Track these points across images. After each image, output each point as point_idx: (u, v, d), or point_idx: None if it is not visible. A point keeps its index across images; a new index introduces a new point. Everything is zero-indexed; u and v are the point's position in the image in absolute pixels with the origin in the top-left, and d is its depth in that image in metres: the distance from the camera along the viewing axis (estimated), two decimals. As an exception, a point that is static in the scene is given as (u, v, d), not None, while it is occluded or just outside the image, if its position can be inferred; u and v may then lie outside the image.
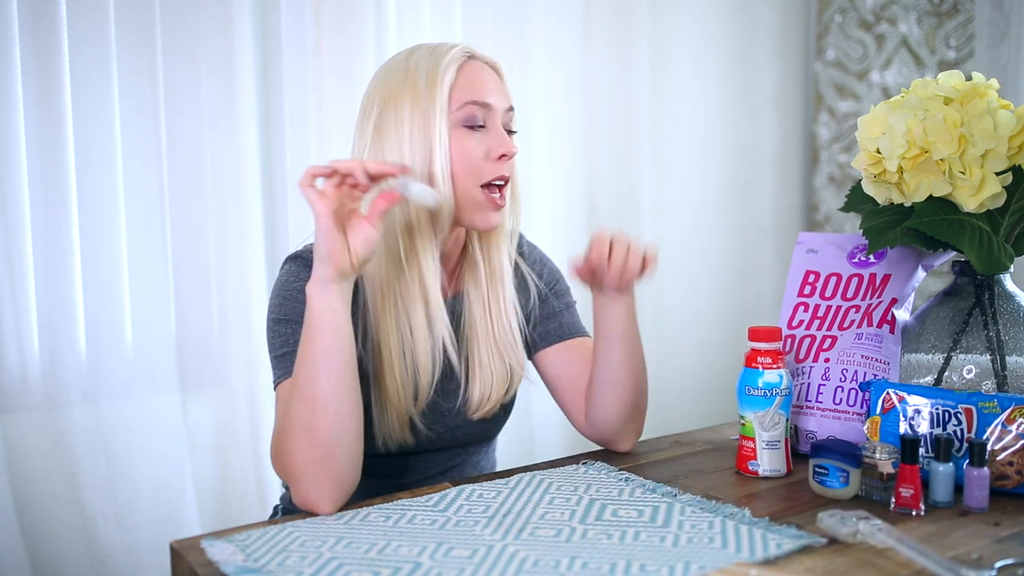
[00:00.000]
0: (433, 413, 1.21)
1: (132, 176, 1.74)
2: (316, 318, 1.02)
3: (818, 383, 1.21)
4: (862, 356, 1.19)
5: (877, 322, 1.21)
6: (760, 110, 2.73)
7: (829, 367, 1.21)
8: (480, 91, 1.16)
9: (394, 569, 0.85)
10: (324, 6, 1.89)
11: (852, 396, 1.19)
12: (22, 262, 1.63)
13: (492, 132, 1.16)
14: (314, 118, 1.89)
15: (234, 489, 1.88)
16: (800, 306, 1.29)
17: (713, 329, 2.66)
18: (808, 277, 1.31)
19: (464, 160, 1.14)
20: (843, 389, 1.20)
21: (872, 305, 1.23)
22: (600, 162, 2.41)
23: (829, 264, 1.30)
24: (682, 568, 0.84)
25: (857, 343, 1.21)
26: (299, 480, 1.03)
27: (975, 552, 0.89)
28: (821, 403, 1.21)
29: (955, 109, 1.07)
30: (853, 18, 2.66)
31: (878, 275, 1.25)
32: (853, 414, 1.18)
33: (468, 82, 1.16)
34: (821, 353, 1.23)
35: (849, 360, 1.20)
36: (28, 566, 1.63)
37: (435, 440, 1.23)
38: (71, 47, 1.64)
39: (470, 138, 1.15)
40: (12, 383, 1.64)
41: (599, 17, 2.37)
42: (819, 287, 1.29)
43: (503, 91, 1.20)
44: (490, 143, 1.15)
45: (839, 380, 1.20)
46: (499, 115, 1.17)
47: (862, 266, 1.27)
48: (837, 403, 1.20)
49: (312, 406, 1.02)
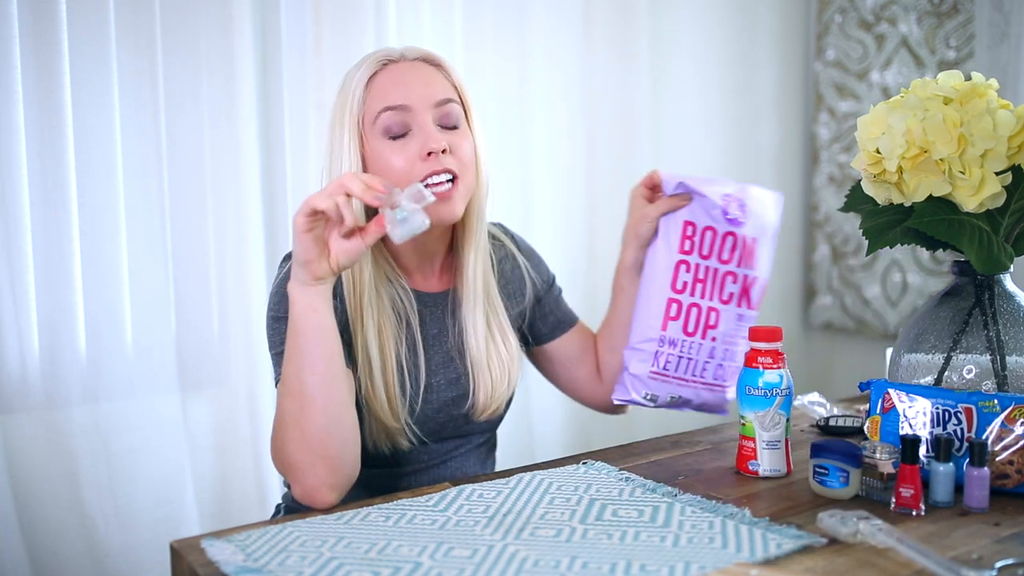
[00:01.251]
0: (434, 410, 1.22)
1: (132, 176, 1.74)
2: (298, 316, 1.04)
3: (704, 360, 1.27)
4: (742, 338, 1.26)
5: (756, 305, 1.28)
6: (760, 110, 2.73)
7: (715, 347, 1.27)
8: (392, 95, 1.16)
9: (394, 569, 0.85)
10: (324, 6, 1.89)
11: (727, 372, 1.29)
12: (22, 262, 1.63)
13: (416, 134, 1.16)
14: (314, 118, 1.89)
15: (234, 489, 1.88)
16: (682, 265, 1.27)
17: (713, 329, 2.66)
18: (687, 230, 1.27)
19: (390, 173, 1.15)
20: (723, 368, 1.29)
21: (749, 279, 1.28)
22: (600, 162, 2.40)
23: (704, 215, 1.27)
24: (682, 568, 0.84)
25: (739, 325, 1.27)
26: (296, 471, 1.04)
27: (975, 552, 0.89)
28: (704, 378, 1.28)
29: (955, 109, 1.06)
30: (853, 18, 2.66)
31: (748, 236, 1.27)
32: (725, 387, 1.29)
33: (381, 90, 1.17)
34: (709, 331, 1.27)
35: (731, 342, 1.28)
36: (28, 566, 1.63)
37: (437, 432, 1.24)
38: (71, 47, 1.64)
39: (391, 149, 1.15)
40: (12, 383, 1.64)
41: (599, 17, 2.37)
42: (697, 243, 1.27)
43: (429, 85, 1.18)
44: (416, 145, 1.15)
45: (721, 359, 1.28)
46: (423, 113, 1.16)
47: (735, 224, 1.27)
48: (715, 379, 1.29)
49: (300, 400, 1.03)
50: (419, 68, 1.19)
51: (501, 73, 2.20)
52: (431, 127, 1.16)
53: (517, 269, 1.35)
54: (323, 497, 1.03)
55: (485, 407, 1.24)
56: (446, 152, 1.15)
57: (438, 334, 1.25)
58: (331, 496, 1.04)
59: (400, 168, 1.14)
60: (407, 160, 1.14)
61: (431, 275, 1.27)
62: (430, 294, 1.26)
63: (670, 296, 1.26)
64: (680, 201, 1.27)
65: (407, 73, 1.18)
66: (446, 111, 1.18)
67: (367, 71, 1.19)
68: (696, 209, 1.27)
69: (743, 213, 1.26)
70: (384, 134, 1.16)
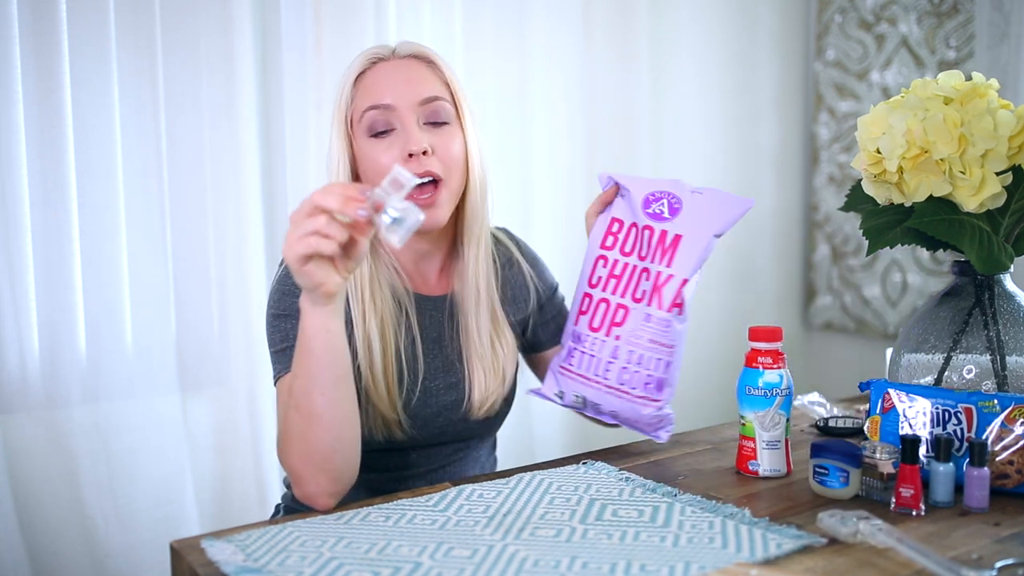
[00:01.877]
0: (432, 413, 1.22)
1: (132, 176, 1.74)
2: (310, 336, 1.01)
3: (607, 360, 1.20)
4: (649, 340, 1.18)
5: (668, 305, 1.17)
6: (760, 110, 2.73)
7: (619, 346, 1.19)
8: (377, 94, 1.16)
9: (394, 569, 0.85)
10: (324, 6, 1.89)
11: (635, 379, 1.18)
12: (22, 262, 1.63)
13: (400, 133, 1.15)
14: (314, 118, 1.89)
15: (234, 489, 1.88)
16: (600, 260, 1.24)
17: (713, 329, 2.66)
18: (612, 226, 1.24)
19: (375, 170, 1.15)
20: (627, 371, 1.19)
21: (662, 277, 1.18)
22: (600, 162, 2.40)
23: (630, 211, 1.23)
24: (682, 568, 0.84)
25: (645, 325, 1.18)
26: (298, 477, 1.05)
27: (975, 552, 0.89)
28: (608, 380, 1.20)
29: (955, 109, 1.06)
30: (853, 18, 2.66)
31: (670, 233, 1.19)
32: (635, 396, 1.18)
33: (367, 89, 1.17)
34: (613, 328, 1.20)
35: (636, 343, 1.18)
36: (28, 566, 1.63)
37: (436, 436, 1.23)
38: (71, 47, 1.64)
39: (375, 147, 1.16)
40: (12, 383, 1.64)
41: (599, 17, 2.37)
42: (620, 239, 1.23)
43: (416, 83, 1.17)
44: (399, 145, 1.15)
45: (625, 361, 1.18)
46: (407, 112, 1.15)
47: (655, 218, 1.21)
48: (621, 383, 1.19)
49: (308, 418, 1.02)
50: (408, 66, 1.19)
51: (501, 73, 2.20)
52: (413, 127, 1.15)
53: (521, 275, 1.34)
54: (323, 503, 1.04)
55: (481, 403, 1.24)
56: (427, 154, 1.14)
57: (437, 338, 1.25)
58: (331, 502, 1.04)
59: (387, 167, 1.13)
60: (391, 160, 1.14)
61: (430, 277, 1.27)
62: (430, 297, 1.26)
63: (585, 291, 1.24)
64: (608, 196, 1.25)
65: (394, 71, 1.18)
66: (432, 109, 1.17)
67: (356, 69, 1.19)
68: (624, 206, 1.24)
69: (670, 211, 1.20)
70: (368, 132, 1.16)
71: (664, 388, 1.19)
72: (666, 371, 1.18)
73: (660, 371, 1.18)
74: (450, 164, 1.17)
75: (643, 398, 1.18)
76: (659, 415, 1.20)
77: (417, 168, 1.13)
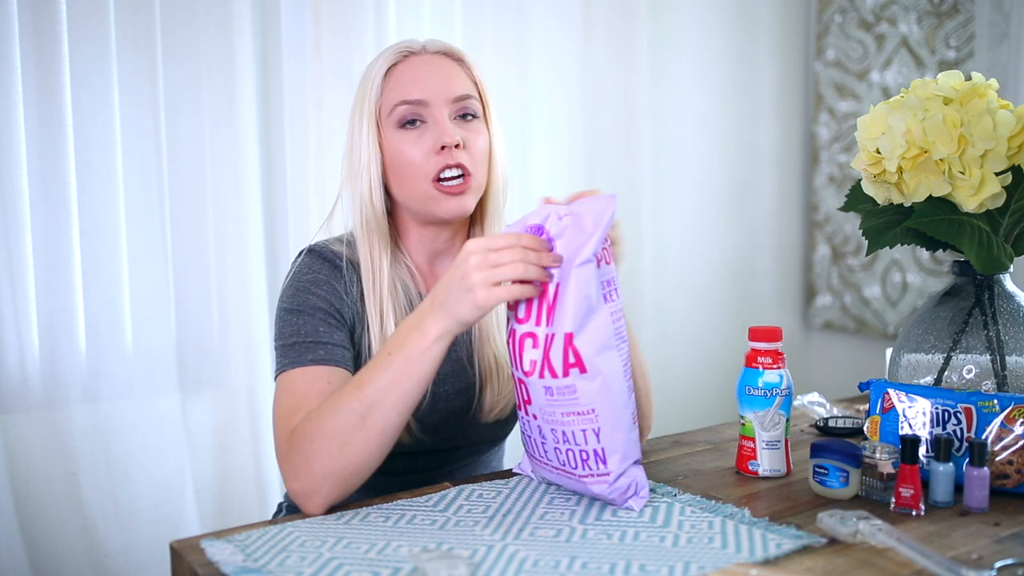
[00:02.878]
0: (441, 419, 1.21)
1: (132, 176, 1.74)
2: (420, 354, 0.98)
3: (539, 440, 1.03)
4: (563, 414, 0.97)
5: (562, 370, 0.95)
6: (760, 110, 2.73)
7: (540, 426, 1.01)
8: (409, 89, 1.17)
9: (394, 569, 0.85)
10: (324, 6, 1.90)
11: (571, 458, 0.99)
12: (22, 262, 1.63)
13: (431, 126, 1.16)
14: (314, 118, 1.90)
15: (234, 489, 1.88)
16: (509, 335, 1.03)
17: (713, 329, 2.66)
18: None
19: (404, 161, 1.16)
20: (559, 451, 1.00)
21: (546, 338, 0.96)
22: (600, 162, 2.41)
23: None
24: (682, 568, 0.84)
25: (550, 399, 0.98)
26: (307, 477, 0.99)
27: (975, 552, 0.89)
28: (551, 461, 1.03)
29: (955, 109, 1.06)
30: (853, 18, 2.66)
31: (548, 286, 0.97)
32: (580, 477, 1.00)
33: (399, 83, 1.17)
34: (527, 406, 1.01)
35: (551, 419, 0.99)
36: (28, 566, 1.63)
37: (447, 440, 1.23)
38: (71, 47, 1.64)
39: (405, 139, 1.16)
40: (12, 383, 1.64)
41: (599, 17, 2.37)
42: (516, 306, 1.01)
43: (448, 80, 1.18)
44: (430, 138, 1.15)
45: (554, 441, 1.00)
46: (439, 107, 1.16)
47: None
48: (563, 465, 1.01)
49: (364, 428, 0.99)
50: (439, 62, 1.19)
51: (501, 73, 2.20)
52: (446, 121, 1.16)
53: None
54: (316, 507, 1.00)
55: (492, 407, 1.23)
56: (459, 147, 1.15)
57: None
58: (323, 509, 1.01)
59: (416, 160, 1.15)
60: (422, 153, 1.15)
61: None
62: None
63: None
64: None
65: (426, 66, 1.18)
66: (463, 106, 1.19)
67: (387, 61, 1.19)
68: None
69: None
70: (398, 124, 1.17)
71: (608, 457, 0.98)
72: (600, 439, 0.97)
73: (592, 443, 0.97)
74: (477, 158, 1.18)
75: (588, 476, 1.00)
76: (616, 487, 0.99)
77: (448, 160, 1.15)
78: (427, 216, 1.19)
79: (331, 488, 1.00)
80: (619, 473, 0.99)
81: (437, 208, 1.16)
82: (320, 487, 1.00)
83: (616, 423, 0.98)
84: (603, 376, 0.96)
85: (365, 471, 1.02)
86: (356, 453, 1.00)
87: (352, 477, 1.01)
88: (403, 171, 1.16)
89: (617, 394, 0.97)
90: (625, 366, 1.00)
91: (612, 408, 0.97)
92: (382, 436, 1.00)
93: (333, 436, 0.99)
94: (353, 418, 0.99)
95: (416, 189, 1.16)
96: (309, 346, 1.11)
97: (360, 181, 1.18)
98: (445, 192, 1.15)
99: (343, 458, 0.99)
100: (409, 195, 1.18)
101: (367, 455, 1.00)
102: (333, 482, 1.00)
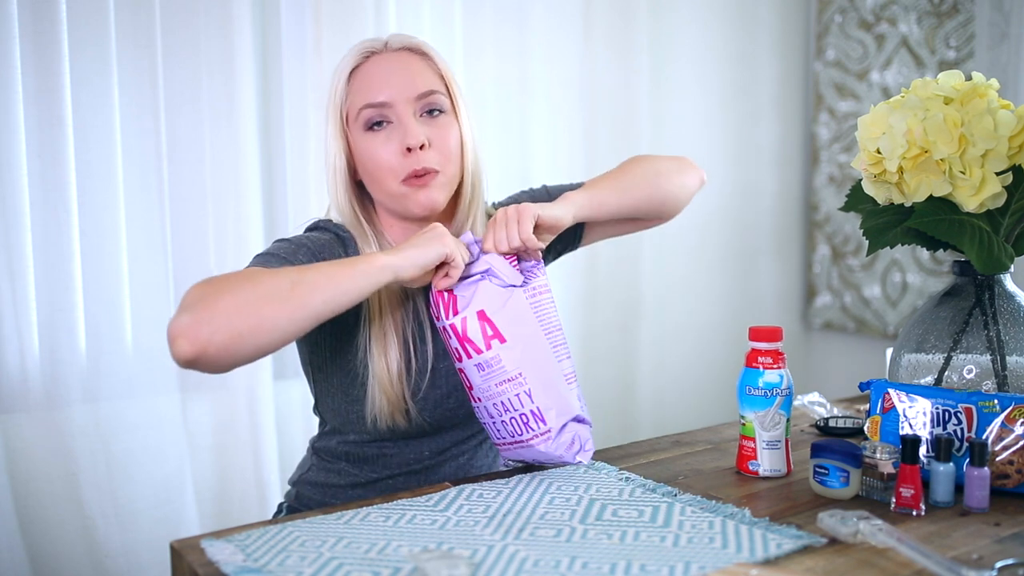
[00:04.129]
0: (443, 394, 1.21)
1: (132, 176, 1.74)
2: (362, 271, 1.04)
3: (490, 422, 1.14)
4: (496, 384, 1.10)
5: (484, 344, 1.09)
6: (760, 110, 2.73)
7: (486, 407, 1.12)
8: (372, 92, 1.18)
9: (394, 569, 0.85)
10: (324, 6, 1.90)
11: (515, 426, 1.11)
12: (22, 262, 1.63)
13: (397, 126, 1.17)
14: (314, 118, 1.90)
15: (234, 489, 1.88)
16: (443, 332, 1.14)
17: (713, 329, 2.66)
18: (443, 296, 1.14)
19: (375, 162, 1.18)
20: (505, 423, 1.11)
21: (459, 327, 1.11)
22: (600, 162, 2.40)
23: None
24: (682, 568, 0.84)
25: (482, 374, 1.10)
26: (209, 309, 0.95)
27: (975, 552, 0.89)
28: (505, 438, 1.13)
29: (955, 109, 1.06)
30: (853, 18, 2.66)
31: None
32: (528, 440, 1.11)
33: (363, 85, 1.19)
34: (471, 392, 1.14)
35: (489, 394, 1.11)
36: (28, 566, 1.63)
37: (448, 418, 1.23)
38: (71, 47, 1.64)
39: (373, 141, 1.18)
40: (12, 383, 1.64)
41: (599, 17, 2.37)
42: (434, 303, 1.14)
43: (411, 78, 1.18)
44: (397, 138, 1.17)
45: (499, 416, 1.11)
46: (403, 107, 1.17)
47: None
48: (513, 436, 1.12)
49: (289, 294, 0.98)
50: (402, 59, 1.20)
51: (501, 73, 2.20)
52: (411, 120, 1.17)
53: None
54: (189, 342, 0.94)
55: None
56: (424, 147, 1.16)
57: None
58: (193, 348, 0.94)
59: (385, 161, 1.17)
60: (390, 153, 1.17)
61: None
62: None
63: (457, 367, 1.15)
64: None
65: (388, 65, 1.19)
66: (428, 102, 1.19)
67: (349, 63, 1.20)
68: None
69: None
70: (365, 127, 1.18)
71: (545, 414, 1.10)
72: (533, 399, 1.09)
73: (528, 404, 1.09)
74: (447, 155, 1.19)
75: (533, 438, 1.10)
76: (560, 442, 1.11)
77: (415, 164, 1.16)
78: (403, 212, 1.21)
79: (220, 329, 0.94)
80: (559, 428, 1.11)
81: (410, 204, 1.18)
82: (212, 319, 0.94)
83: (546, 382, 1.10)
84: (523, 341, 1.09)
85: (261, 337, 0.97)
86: (268, 310, 0.97)
87: (247, 334, 0.96)
88: (375, 172, 1.18)
89: (541, 354, 1.10)
90: (548, 332, 1.13)
91: (538, 368, 1.10)
92: (297, 310, 0.98)
93: (259, 284, 0.98)
94: (285, 282, 0.99)
95: (388, 189, 1.18)
96: (283, 260, 1.12)
97: (330, 181, 1.22)
98: (415, 186, 1.17)
99: (254, 307, 0.96)
100: (383, 194, 1.20)
101: (274, 319, 0.97)
102: (227, 323, 0.94)
